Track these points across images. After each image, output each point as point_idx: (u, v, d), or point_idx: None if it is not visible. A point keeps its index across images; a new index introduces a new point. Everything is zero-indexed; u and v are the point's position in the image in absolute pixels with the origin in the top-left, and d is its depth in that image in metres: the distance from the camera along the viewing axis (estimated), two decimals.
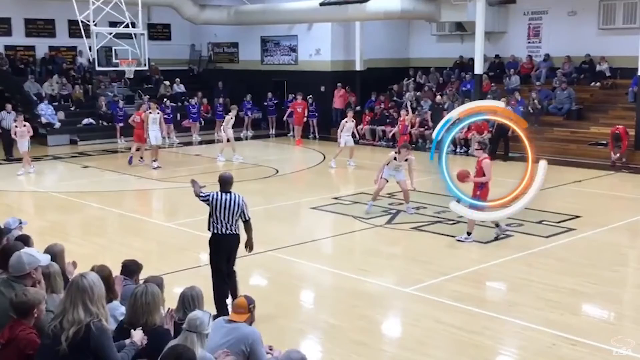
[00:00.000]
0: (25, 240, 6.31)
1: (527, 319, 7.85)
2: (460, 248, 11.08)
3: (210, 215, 7.95)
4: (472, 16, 21.29)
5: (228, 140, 19.43)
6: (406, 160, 12.95)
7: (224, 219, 7.89)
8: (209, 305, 5.41)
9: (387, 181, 13.04)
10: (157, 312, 4.87)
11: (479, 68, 21.53)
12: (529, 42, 23.50)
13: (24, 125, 17.73)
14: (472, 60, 22.49)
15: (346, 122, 18.68)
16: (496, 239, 11.26)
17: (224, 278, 8.04)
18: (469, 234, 11.17)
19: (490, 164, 11.24)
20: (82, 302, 4.38)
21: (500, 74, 23.32)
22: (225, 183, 8.03)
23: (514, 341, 7.53)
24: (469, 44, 22.83)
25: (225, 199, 7.90)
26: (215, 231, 8.00)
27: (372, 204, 13.01)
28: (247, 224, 8.04)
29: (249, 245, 8.18)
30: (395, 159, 12.86)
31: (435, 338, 7.49)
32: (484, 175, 11.08)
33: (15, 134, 17.84)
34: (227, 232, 7.94)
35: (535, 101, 21.09)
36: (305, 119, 23.84)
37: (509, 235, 11.48)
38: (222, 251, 8.06)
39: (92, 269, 5.51)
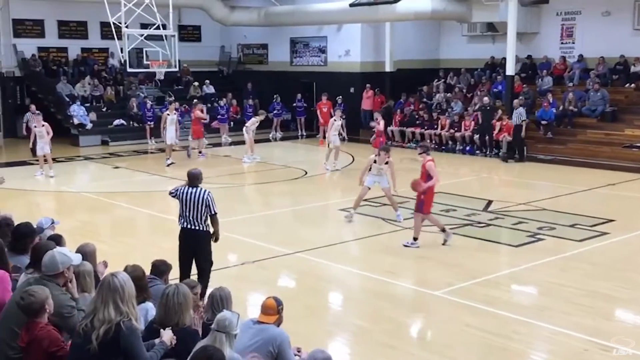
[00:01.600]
0: (57, 240, 6.38)
1: (558, 324, 7.73)
2: (491, 251, 10.97)
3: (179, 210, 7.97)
4: (504, 16, 21.08)
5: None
6: (386, 163, 12.44)
7: (190, 213, 7.93)
8: (237, 306, 5.40)
9: (370, 188, 12.62)
10: (188, 312, 4.89)
11: (510, 69, 21.30)
12: (562, 43, 23.18)
13: (42, 126, 17.43)
14: (503, 61, 22.26)
15: (335, 120, 18.45)
16: (444, 244, 10.93)
17: (187, 274, 7.92)
18: (415, 239, 10.91)
19: (434, 165, 10.90)
20: (113, 301, 4.42)
21: (532, 75, 23.05)
22: (193, 178, 8.10)
23: (544, 346, 7.41)
24: (501, 45, 22.60)
25: (191, 193, 7.95)
26: (182, 226, 8.04)
27: (353, 212, 12.60)
28: (213, 217, 8.03)
29: (215, 237, 8.18)
30: (375, 161, 12.45)
31: (464, 342, 7.40)
32: (430, 177, 10.75)
33: (34, 135, 17.53)
34: (193, 227, 7.94)
35: (570, 102, 20.79)
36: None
37: (540, 238, 11.30)
38: (187, 246, 8.03)
39: (125, 269, 5.55)
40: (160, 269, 6.34)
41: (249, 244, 11.21)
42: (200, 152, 20.74)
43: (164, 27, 19.21)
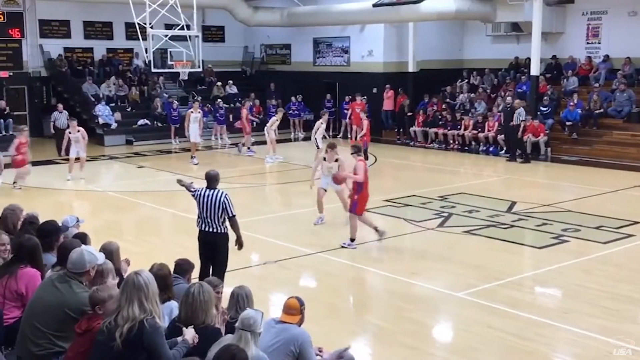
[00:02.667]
0: (82, 238, 6.44)
1: (583, 327, 7.64)
2: (514, 253, 10.88)
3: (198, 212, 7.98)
4: (529, 16, 20.90)
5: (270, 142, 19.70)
6: (336, 160, 11.91)
7: (207, 215, 7.93)
8: (259, 305, 5.41)
9: (326, 191, 12.23)
10: (211, 310, 4.92)
11: (535, 69, 21.11)
12: (587, 43, 22.92)
13: (78, 131, 17.37)
14: (528, 61, 22.08)
15: (322, 123, 18.21)
16: (379, 239, 10.92)
17: (207, 275, 7.86)
18: (352, 240, 10.81)
19: (364, 166, 10.77)
20: (138, 299, 4.46)
21: (557, 76, 22.82)
22: (211, 180, 8.05)
23: (568, 348, 7.33)
24: (525, 45, 22.40)
25: (208, 195, 7.92)
26: (200, 228, 8.05)
27: (320, 216, 12.33)
28: (232, 220, 7.98)
29: (239, 243, 8.09)
30: (324, 159, 12.10)
31: (487, 344, 7.35)
32: (361, 184, 10.63)
33: (67, 139, 17.47)
34: (210, 229, 7.93)
35: (595, 103, 20.56)
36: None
37: (564, 240, 11.18)
38: (205, 248, 8.02)
39: (152, 268, 5.60)
40: (183, 267, 6.38)
41: (271, 243, 11.24)
42: (249, 149, 21.20)
43: (188, 27, 19.33)
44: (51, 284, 5.10)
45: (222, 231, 7.99)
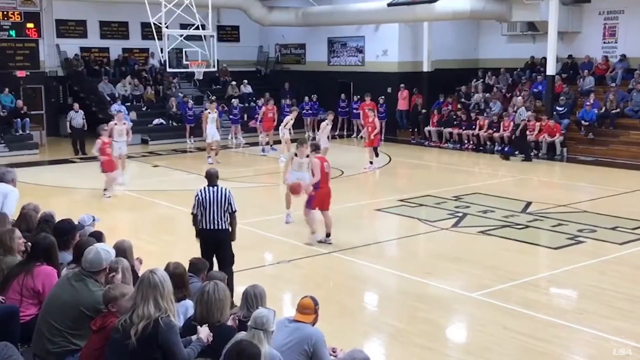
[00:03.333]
0: (98, 237, 6.49)
1: (599, 328, 7.59)
2: (529, 253, 10.82)
3: (197, 212, 8.11)
4: (545, 16, 20.78)
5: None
6: (307, 156, 11.79)
7: (213, 212, 8.01)
8: (273, 305, 5.42)
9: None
10: (227, 309, 4.93)
11: (551, 69, 20.98)
12: (604, 42, 22.74)
13: (124, 124, 16.65)
14: (544, 60, 21.95)
15: (327, 124, 18.18)
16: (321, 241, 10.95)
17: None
18: (313, 233, 10.99)
19: (320, 164, 10.79)
20: (154, 298, 4.49)
21: (573, 75, 22.67)
22: (213, 177, 8.24)
23: (584, 350, 7.29)
24: (541, 44, 22.26)
25: (213, 192, 8.06)
26: (203, 227, 8.09)
27: (288, 212, 12.29)
28: (232, 215, 8.15)
29: (232, 238, 8.28)
30: (296, 154, 12.03)
31: (502, 344, 7.32)
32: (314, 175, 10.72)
33: (110, 135, 15.76)
34: (216, 227, 8.03)
35: (612, 103, 20.41)
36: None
37: (580, 241, 11.11)
38: (209, 247, 8.09)
39: (167, 266, 5.62)
40: (198, 266, 6.40)
41: (285, 242, 11.26)
42: (270, 146, 21.45)
43: (203, 27, 19.39)
44: (67, 282, 5.14)
45: (226, 227, 8.13)
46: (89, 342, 4.78)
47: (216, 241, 8.11)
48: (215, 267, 8.12)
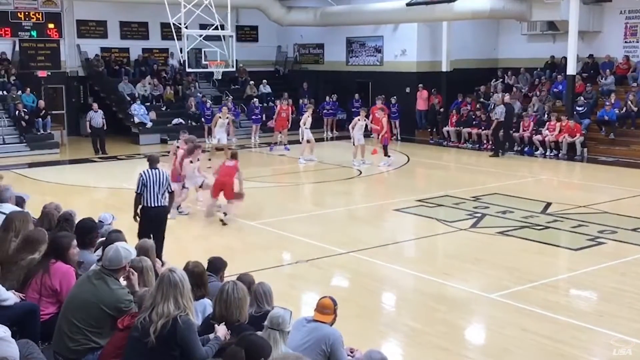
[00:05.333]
0: (117, 236, 6.53)
1: (619, 330, 7.50)
2: (549, 254, 10.74)
3: (141, 191, 9.23)
4: (565, 15, 20.62)
5: (308, 141, 19.65)
6: (198, 160, 12.99)
7: (154, 191, 9.18)
8: (290, 304, 5.44)
9: (188, 188, 13.36)
10: (246, 308, 4.94)
11: (571, 68, 20.81)
12: (625, 42, 22.50)
13: (227, 117, 17.35)
14: (564, 60, 21.76)
15: (358, 120, 18.84)
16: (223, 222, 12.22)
17: None
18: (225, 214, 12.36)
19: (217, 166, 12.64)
20: (173, 296, 4.52)
21: (594, 75, 22.45)
22: (152, 161, 9.58)
23: (604, 352, 7.22)
24: (562, 44, 22.09)
25: (155, 174, 9.30)
26: (147, 204, 9.22)
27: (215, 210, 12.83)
28: (172, 194, 9.61)
29: (167, 211, 9.59)
30: (190, 161, 13.00)
31: (521, 346, 7.27)
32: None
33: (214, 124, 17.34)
34: (157, 204, 9.20)
35: (632, 103, 20.20)
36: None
37: (601, 242, 11.00)
38: (152, 221, 9.20)
39: (187, 265, 5.65)
40: (216, 265, 6.41)
41: (303, 242, 11.26)
42: (284, 145, 21.70)
43: (222, 27, 19.46)
44: (88, 280, 5.17)
45: (165, 204, 9.37)
46: (113, 339, 4.82)
47: (157, 216, 9.25)
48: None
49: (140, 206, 9.26)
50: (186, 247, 10.88)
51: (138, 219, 9.27)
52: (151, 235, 8.50)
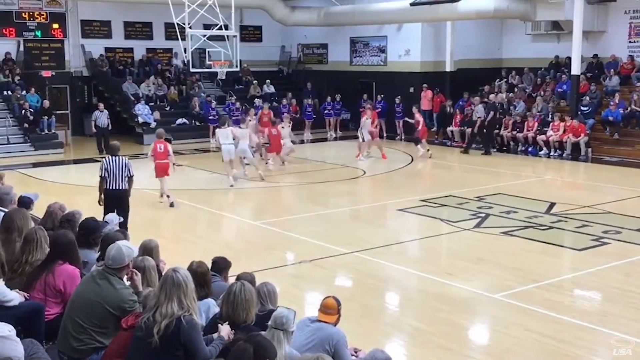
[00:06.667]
0: (121, 235, 6.54)
1: (623, 331, 7.49)
2: (553, 255, 10.73)
3: (104, 177, 10.51)
4: (570, 15, 20.57)
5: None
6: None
7: (116, 176, 10.49)
8: (294, 304, 5.45)
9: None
10: (253, 309, 4.93)
11: (576, 68, 20.77)
12: (630, 42, 22.46)
13: (247, 127, 16.13)
14: (568, 60, 21.73)
15: (366, 119, 19.23)
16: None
17: None
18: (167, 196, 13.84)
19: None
20: (177, 296, 4.53)
21: (598, 75, 22.42)
22: (114, 149, 10.84)
23: (607, 352, 7.20)
24: (566, 44, 22.05)
25: (116, 161, 10.60)
26: (109, 187, 10.53)
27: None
28: (130, 179, 10.67)
29: (128, 194, 10.75)
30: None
31: (524, 346, 7.26)
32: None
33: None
34: (119, 187, 10.53)
35: (636, 103, 20.16)
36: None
37: (605, 242, 10.98)
38: (115, 203, 10.31)
39: (191, 265, 5.66)
40: (220, 265, 6.43)
41: (307, 242, 11.27)
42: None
43: (226, 27, 19.48)
44: (92, 280, 5.18)
45: (125, 187, 10.62)
46: (117, 339, 4.83)
47: (119, 198, 10.49)
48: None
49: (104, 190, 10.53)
50: (190, 247, 10.89)
51: (102, 203, 10.54)
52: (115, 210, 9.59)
